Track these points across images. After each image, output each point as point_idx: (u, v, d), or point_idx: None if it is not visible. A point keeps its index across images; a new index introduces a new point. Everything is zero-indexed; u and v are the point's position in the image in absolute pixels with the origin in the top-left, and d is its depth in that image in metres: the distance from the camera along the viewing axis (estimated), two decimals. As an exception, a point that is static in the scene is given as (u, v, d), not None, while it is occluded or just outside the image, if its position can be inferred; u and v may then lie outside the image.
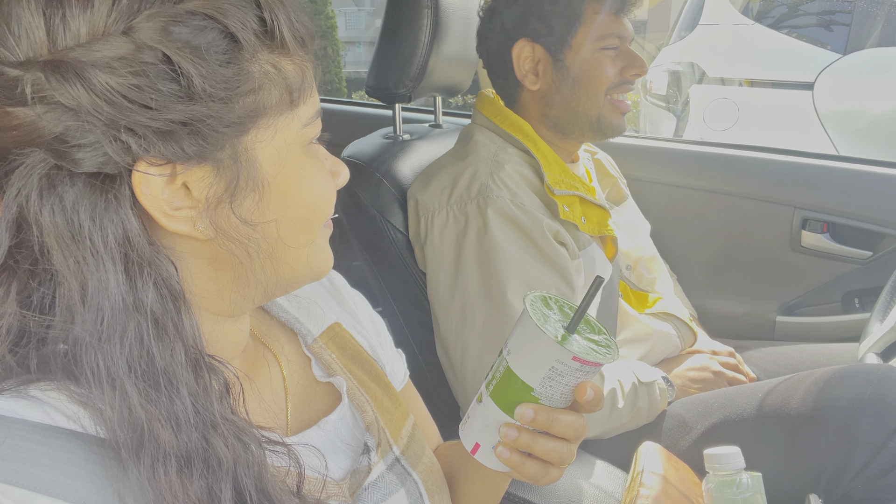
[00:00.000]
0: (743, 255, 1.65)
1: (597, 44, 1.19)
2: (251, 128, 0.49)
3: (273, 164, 0.51)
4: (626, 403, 1.16)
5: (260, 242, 0.52)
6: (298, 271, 0.56)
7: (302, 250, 0.55)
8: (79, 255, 0.44)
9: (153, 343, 0.46)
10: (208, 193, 0.49)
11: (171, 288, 0.48)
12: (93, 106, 0.43)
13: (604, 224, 1.25)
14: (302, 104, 0.52)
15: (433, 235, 1.16)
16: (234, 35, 0.46)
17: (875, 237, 1.53)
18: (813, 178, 1.60)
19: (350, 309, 0.74)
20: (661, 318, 1.37)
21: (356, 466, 0.62)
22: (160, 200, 0.47)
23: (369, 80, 1.37)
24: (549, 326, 0.54)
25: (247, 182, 0.50)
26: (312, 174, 0.54)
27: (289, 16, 0.49)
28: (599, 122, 1.23)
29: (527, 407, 0.56)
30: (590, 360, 0.53)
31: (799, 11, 4.35)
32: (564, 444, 0.57)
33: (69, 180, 0.44)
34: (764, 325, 1.62)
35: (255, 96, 0.48)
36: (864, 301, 1.54)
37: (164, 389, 0.46)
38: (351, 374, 0.67)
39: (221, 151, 0.48)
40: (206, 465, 0.46)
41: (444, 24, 1.32)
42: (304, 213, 0.54)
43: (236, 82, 0.47)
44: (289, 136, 0.51)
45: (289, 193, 0.52)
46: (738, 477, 0.81)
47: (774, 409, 1.09)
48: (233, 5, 0.46)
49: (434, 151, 1.39)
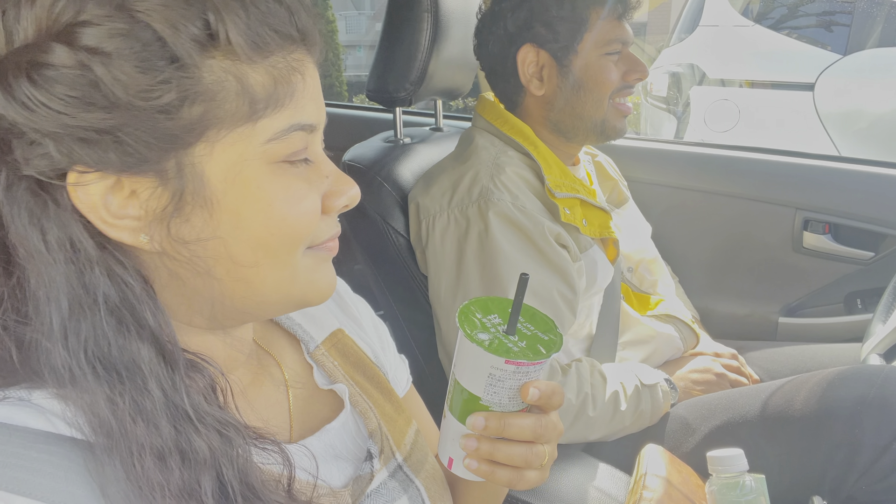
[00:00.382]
0: (745, 257, 1.65)
1: (601, 49, 1.19)
2: (197, 140, 0.46)
3: (223, 180, 0.47)
4: (629, 406, 1.15)
5: (214, 261, 0.49)
6: (269, 296, 0.52)
7: (267, 274, 0.51)
8: (32, 252, 0.45)
9: (114, 339, 0.46)
10: (151, 205, 0.46)
11: (128, 285, 0.47)
12: (12, 110, 0.42)
13: (605, 226, 1.25)
14: (267, 117, 0.47)
15: (434, 239, 1.16)
16: (164, 39, 0.43)
17: (877, 238, 1.53)
18: (814, 179, 1.60)
19: (353, 315, 0.74)
20: (664, 321, 1.36)
21: (359, 473, 0.61)
22: (98, 208, 0.46)
23: (370, 84, 1.37)
24: (481, 334, 0.54)
25: (193, 197, 0.47)
26: (276, 195, 0.49)
27: (248, 19, 0.45)
28: (603, 126, 1.23)
29: (477, 416, 0.55)
30: (523, 361, 0.52)
31: (799, 12, 4.35)
32: (529, 448, 0.56)
33: (18, 182, 0.45)
34: (766, 327, 1.62)
35: (203, 106, 0.45)
36: (866, 302, 1.54)
37: (129, 384, 0.45)
38: (353, 381, 0.67)
39: (164, 162, 0.45)
40: (182, 458, 0.45)
41: (444, 27, 1.32)
42: (261, 235, 0.49)
43: (160, 90, 0.43)
44: (247, 151, 0.47)
45: (241, 213, 0.48)
46: (742, 479, 0.81)
47: (778, 411, 1.09)
48: (165, 6, 0.43)
49: (435, 155, 1.39)
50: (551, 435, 0.57)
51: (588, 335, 1.27)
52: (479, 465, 0.57)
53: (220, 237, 0.48)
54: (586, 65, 1.20)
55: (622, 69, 1.22)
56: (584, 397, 1.13)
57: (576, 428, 1.13)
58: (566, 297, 1.14)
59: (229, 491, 0.47)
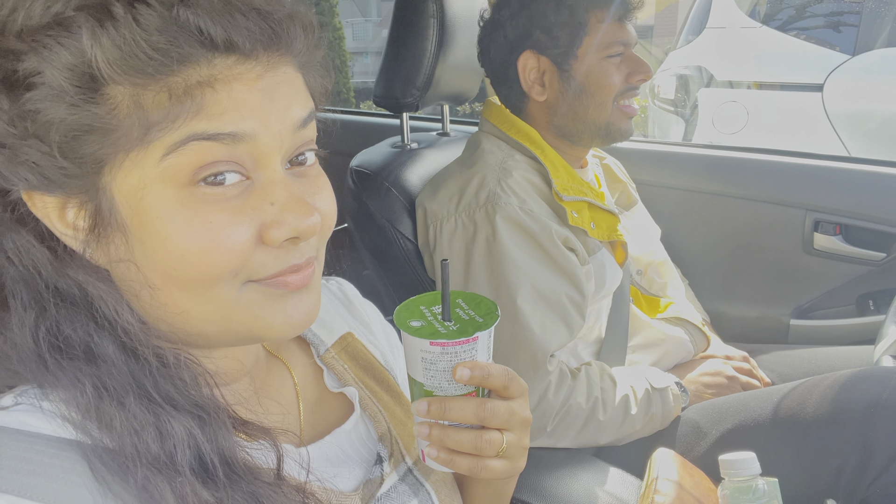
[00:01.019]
0: (755, 259, 1.64)
1: (602, 52, 1.19)
2: (103, 167, 0.45)
3: (128, 206, 0.46)
4: (640, 410, 1.15)
5: (133, 284, 0.48)
6: (203, 328, 0.50)
7: (189, 307, 0.48)
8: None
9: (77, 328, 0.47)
10: (79, 223, 0.47)
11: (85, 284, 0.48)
12: None
13: (613, 229, 1.24)
14: (161, 137, 0.44)
15: (442, 243, 1.16)
16: (42, 73, 0.42)
17: (888, 238, 1.52)
18: (824, 180, 1.59)
19: (362, 319, 0.74)
20: (674, 323, 1.36)
21: (369, 477, 0.61)
22: (50, 220, 0.48)
23: (377, 90, 1.38)
24: (414, 322, 0.56)
25: (109, 219, 0.46)
26: (174, 228, 0.45)
27: (120, 41, 0.42)
28: (608, 128, 1.23)
29: (420, 401, 0.57)
30: (444, 340, 0.54)
31: (807, 13, 4.34)
32: (477, 434, 0.56)
33: None
34: (778, 329, 1.61)
35: (99, 136, 0.44)
36: (878, 303, 1.52)
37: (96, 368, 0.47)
38: (363, 385, 0.67)
39: (78, 185, 0.46)
40: (159, 433, 0.46)
41: (450, 33, 1.32)
42: (166, 267, 0.47)
43: (35, 119, 0.43)
44: (144, 175, 0.45)
45: (145, 242, 0.46)
46: (754, 483, 0.80)
47: (790, 414, 1.08)
48: (41, 44, 0.42)
49: (442, 160, 1.39)
50: (501, 419, 0.56)
51: (597, 338, 1.27)
52: (439, 454, 0.57)
53: (135, 262, 0.47)
54: (587, 69, 1.19)
55: (625, 71, 1.21)
56: (595, 401, 1.12)
57: (586, 432, 1.12)
58: (575, 301, 1.13)
59: (209, 466, 0.47)
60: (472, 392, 0.57)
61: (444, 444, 0.57)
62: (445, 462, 0.58)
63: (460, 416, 0.56)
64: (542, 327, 1.09)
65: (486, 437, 0.56)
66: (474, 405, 0.56)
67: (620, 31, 1.20)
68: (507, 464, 0.58)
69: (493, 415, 0.56)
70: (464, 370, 0.55)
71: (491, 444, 0.56)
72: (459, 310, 0.58)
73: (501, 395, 0.57)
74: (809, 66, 4.02)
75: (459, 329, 0.55)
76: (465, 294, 0.60)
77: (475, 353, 0.55)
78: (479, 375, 0.55)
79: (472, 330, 0.55)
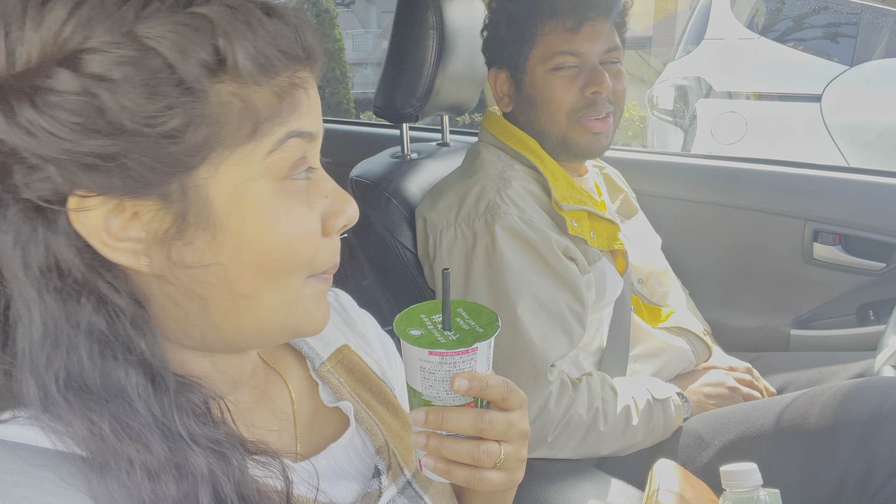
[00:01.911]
0: (755, 269, 1.64)
1: (547, 65, 1.19)
2: (201, 163, 0.45)
3: (227, 202, 0.47)
4: (641, 420, 1.14)
5: (207, 286, 0.48)
6: (265, 323, 0.51)
7: (266, 300, 0.50)
8: (11, 275, 0.44)
9: (92, 365, 0.45)
10: (153, 227, 0.46)
11: (119, 311, 0.46)
12: (13, 136, 0.42)
13: (613, 238, 1.24)
14: (270, 134, 0.47)
15: (442, 253, 1.16)
16: (173, 66, 0.43)
17: (888, 248, 1.52)
18: (824, 190, 1.59)
19: (359, 330, 0.74)
20: (675, 333, 1.35)
21: (367, 490, 0.61)
22: (99, 231, 0.45)
23: (377, 101, 1.38)
24: (414, 330, 0.56)
25: (196, 219, 0.46)
26: (279, 217, 0.48)
27: (255, 42, 0.45)
28: (566, 143, 1.22)
29: (418, 410, 0.56)
30: (443, 350, 0.53)
31: (804, 24, 4.36)
32: (475, 444, 0.55)
33: (12, 204, 0.44)
34: (778, 339, 1.60)
35: (207, 129, 0.45)
36: (878, 313, 1.52)
37: (110, 405, 0.45)
38: (359, 398, 0.67)
39: (167, 186, 0.45)
40: (179, 472, 0.45)
41: (449, 44, 1.33)
42: (262, 259, 0.48)
43: (167, 116, 0.43)
44: (249, 170, 0.47)
45: (243, 236, 0.47)
46: (756, 494, 0.80)
47: (792, 424, 1.07)
48: (175, 33, 0.43)
49: (442, 170, 1.39)
50: (499, 431, 0.56)
51: (599, 348, 1.26)
52: (436, 464, 0.57)
53: (221, 262, 0.47)
54: (534, 82, 1.21)
55: (580, 84, 1.19)
56: (595, 412, 1.12)
57: (587, 443, 1.12)
58: (575, 310, 1.13)
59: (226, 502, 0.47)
60: (471, 403, 0.57)
61: (441, 454, 0.56)
62: (442, 472, 0.57)
63: (458, 426, 0.55)
64: (542, 337, 1.09)
65: (484, 447, 0.56)
66: (472, 416, 0.55)
67: (568, 43, 1.18)
68: (505, 476, 0.58)
69: (491, 426, 0.55)
70: (462, 381, 0.54)
71: (488, 456, 0.56)
72: (460, 319, 0.58)
73: (500, 407, 0.57)
74: (807, 76, 4.05)
75: (459, 339, 0.55)
76: (467, 303, 0.60)
77: (474, 363, 0.55)
78: (477, 386, 0.54)
79: (472, 340, 0.55)
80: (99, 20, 0.42)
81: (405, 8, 1.33)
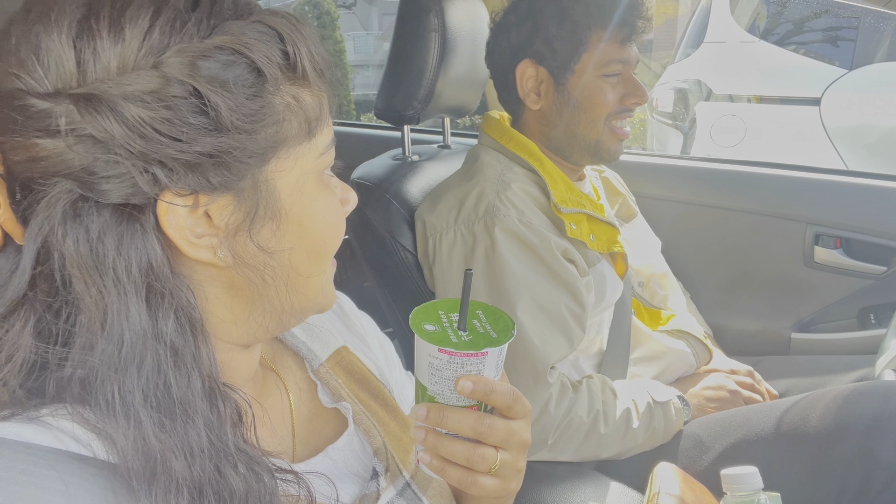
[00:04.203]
0: (756, 272, 1.63)
1: (599, 70, 1.20)
2: (272, 158, 0.50)
3: (291, 193, 0.51)
4: (641, 423, 1.14)
5: (276, 270, 0.52)
6: (310, 301, 0.56)
7: (314, 279, 0.55)
8: (101, 285, 0.45)
9: (171, 373, 0.46)
10: (229, 221, 0.49)
11: (191, 317, 0.48)
12: (125, 139, 0.44)
13: (613, 241, 1.24)
14: (319, 133, 0.52)
15: (441, 255, 1.16)
16: (260, 69, 0.47)
17: (889, 252, 1.52)
18: (824, 194, 1.59)
19: (357, 331, 0.74)
20: (676, 336, 1.35)
21: (365, 492, 0.61)
22: (184, 229, 0.47)
23: (378, 103, 1.38)
24: (428, 325, 0.56)
25: (265, 211, 0.50)
26: (326, 204, 0.54)
27: (309, 48, 0.50)
28: (597, 147, 1.23)
29: (421, 405, 0.56)
30: (452, 350, 0.53)
31: (805, 28, 4.37)
32: (472, 447, 0.55)
33: (95, 210, 0.45)
34: (779, 342, 1.60)
35: (278, 127, 0.49)
36: (879, 316, 1.52)
37: (180, 419, 0.45)
38: (357, 399, 0.67)
39: (243, 181, 0.49)
40: (218, 497, 0.45)
41: (451, 46, 1.33)
42: (316, 243, 0.54)
43: (262, 115, 0.48)
44: (306, 165, 0.52)
45: (303, 223, 0.53)
46: (757, 497, 0.80)
47: (793, 428, 1.07)
48: (258, 40, 0.47)
49: (443, 172, 1.39)
50: (498, 437, 0.56)
51: (599, 351, 1.26)
52: (432, 461, 0.57)
53: (287, 249, 0.52)
54: (583, 85, 1.20)
55: (620, 92, 1.21)
56: (596, 414, 1.12)
57: (587, 445, 1.12)
58: (574, 313, 1.13)
59: None
60: (475, 405, 0.56)
61: (437, 451, 0.56)
62: (437, 469, 0.57)
63: (458, 426, 0.55)
64: (542, 339, 1.09)
65: (480, 451, 0.55)
66: (473, 418, 0.55)
67: (621, 52, 1.20)
68: (499, 483, 0.57)
69: (490, 430, 0.55)
70: (467, 383, 0.54)
71: (483, 460, 0.55)
72: (477, 321, 0.57)
73: (504, 415, 0.57)
74: (808, 80, 4.05)
75: (471, 341, 0.55)
76: (486, 306, 0.59)
77: (482, 367, 0.55)
78: (481, 390, 0.54)
79: (483, 344, 0.54)
80: (179, 30, 0.46)
81: (407, 10, 1.33)
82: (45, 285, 0.46)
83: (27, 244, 0.45)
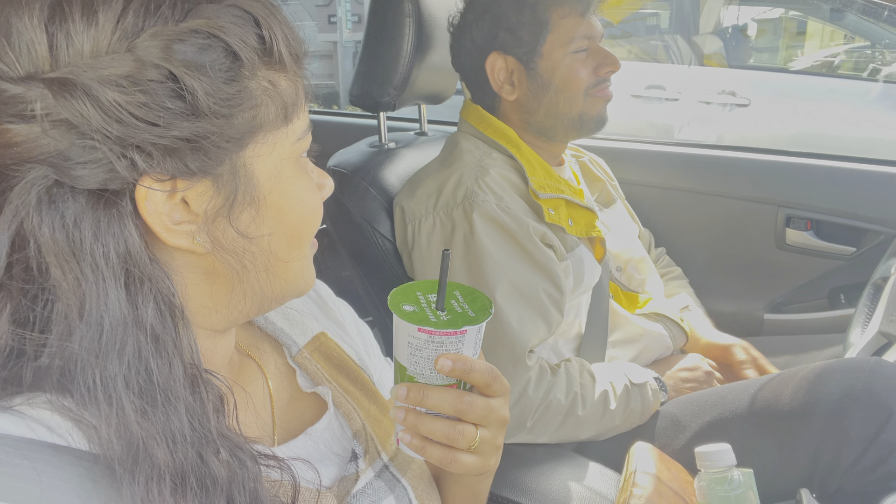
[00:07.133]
0: (729, 255, 1.66)
1: (566, 48, 1.20)
2: (249, 143, 0.49)
3: (269, 178, 0.51)
4: (619, 405, 1.16)
5: (256, 255, 0.53)
6: (290, 285, 0.56)
7: (293, 264, 0.55)
8: (78, 271, 0.44)
9: (152, 359, 0.46)
10: (207, 207, 0.49)
11: (171, 303, 0.48)
12: (102, 124, 0.43)
13: (591, 226, 1.25)
14: (295, 119, 0.52)
15: (420, 242, 1.16)
16: (237, 53, 0.47)
17: (858, 233, 1.55)
18: (796, 177, 1.62)
19: (336, 318, 0.74)
20: (653, 319, 1.37)
21: (344, 474, 0.61)
22: (162, 216, 0.47)
23: (353, 90, 1.37)
24: (407, 306, 0.56)
25: (244, 196, 0.50)
26: (303, 188, 0.54)
27: (285, 33, 0.50)
28: (581, 119, 1.24)
29: (400, 385, 0.57)
30: (431, 329, 0.54)
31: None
32: (452, 425, 0.56)
33: (71, 196, 0.44)
34: (752, 323, 1.63)
35: (255, 112, 0.49)
36: (849, 296, 1.55)
37: (161, 406, 0.45)
38: (337, 384, 0.67)
39: (221, 166, 0.48)
40: (200, 484, 0.45)
41: (426, 32, 1.32)
42: (295, 227, 0.54)
43: (239, 99, 0.47)
44: (283, 150, 0.52)
45: (282, 208, 0.53)
46: (730, 474, 0.81)
47: (766, 406, 1.09)
48: (233, 24, 0.47)
49: (420, 159, 1.39)
50: (478, 414, 0.56)
51: (577, 334, 1.28)
52: (412, 440, 0.57)
53: (266, 234, 0.52)
54: (553, 66, 1.21)
55: (592, 65, 1.22)
56: (574, 397, 1.13)
57: (566, 427, 1.13)
58: (553, 297, 1.14)
59: None
60: (454, 384, 0.57)
61: (417, 430, 0.57)
62: (417, 449, 0.57)
63: (438, 404, 0.56)
64: (520, 323, 1.10)
65: (460, 428, 0.56)
66: (452, 396, 0.56)
67: (584, 26, 1.21)
68: (479, 460, 0.58)
69: (470, 408, 0.56)
70: (446, 361, 0.54)
71: (463, 437, 0.56)
72: (454, 301, 0.58)
73: (483, 393, 0.57)
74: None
75: (450, 320, 0.55)
76: (463, 287, 0.60)
77: (461, 346, 0.55)
78: (460, 369, 0.55)
79: (462, 323, 0.55)
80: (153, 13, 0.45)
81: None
82: (22, 272, 0.45)
83: (0, 232, 0.44)
